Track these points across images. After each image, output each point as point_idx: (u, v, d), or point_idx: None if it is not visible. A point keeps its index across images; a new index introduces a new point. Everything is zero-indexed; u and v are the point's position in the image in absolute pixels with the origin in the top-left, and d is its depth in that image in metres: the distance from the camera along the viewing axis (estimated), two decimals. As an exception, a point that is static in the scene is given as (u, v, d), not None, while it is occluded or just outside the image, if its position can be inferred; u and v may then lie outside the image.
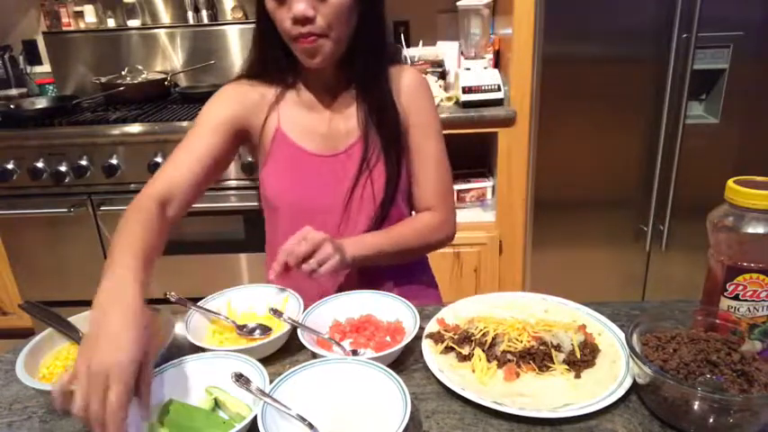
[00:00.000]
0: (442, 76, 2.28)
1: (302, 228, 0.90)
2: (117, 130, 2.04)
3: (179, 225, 0.94)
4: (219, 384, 0.71)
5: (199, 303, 0.88)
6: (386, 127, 1.02)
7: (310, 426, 0.63)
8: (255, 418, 0.62)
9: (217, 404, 0.70)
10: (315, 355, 0.78)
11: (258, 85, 1.04)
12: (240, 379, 0.69)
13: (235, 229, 2.14)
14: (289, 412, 0.64)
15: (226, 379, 0.71)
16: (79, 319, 0.83)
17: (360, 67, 0.99)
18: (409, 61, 2.35)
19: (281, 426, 0.64)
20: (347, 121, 1.03)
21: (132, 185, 2.09)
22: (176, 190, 0.92)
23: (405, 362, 0.79)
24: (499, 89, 2.03)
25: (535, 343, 0.76)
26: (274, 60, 1.01)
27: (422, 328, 0.82)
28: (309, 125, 1.03)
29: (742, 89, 1.91)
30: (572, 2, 1.86)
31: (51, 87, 2.63)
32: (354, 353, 0.80)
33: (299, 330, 0.80)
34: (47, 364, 0.78)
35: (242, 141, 1.05)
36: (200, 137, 0.98)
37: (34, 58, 2.68)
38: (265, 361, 0.81)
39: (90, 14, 2.54)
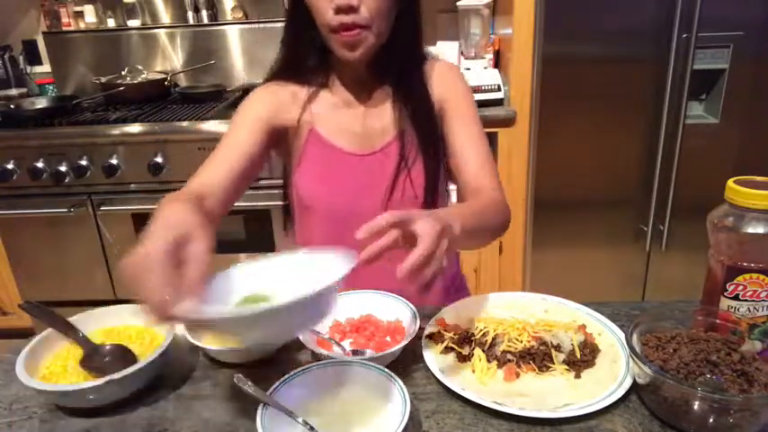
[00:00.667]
0: (442, 76, 2.27)
1: (338, 229, 0.86)
2: (117, 130, 2.04)
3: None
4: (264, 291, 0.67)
5: (199, 303, 0.88)
6: (423, 123, 1.00)
7: (310, 428, 0.63)
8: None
9: None
10: (315, 355, 0.78)
11: (289, 84, 1.02)
12: (241, 381, 0.69)
13: (235, 229, 2.15)
14: (289, 414, 0.64)
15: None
16: (79, 320, 0.83)
17: (397, 62, 0.97)
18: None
19: (281, 428, 0.64)
20: (382, 118, 1.01)
21: (132, 185, 2.09)
22: (211, 190, 0.88)
23: (405, 362, 0.79)
24: (499, 89, 2.03)
25: (535, 343, 0.76)
26: (308, 57, 0.99)
27: (422, 328, 0.82)
28: (344, 123, 1.01)
29: (742, 89, 1.91)
30: (572, 2, 1.86)
31: (51, 87, 2.63)
32: (354, 353, 0.80)
33: (299, 330, 0.80)
34: (47, 364, 0.78)
35: (275, 142, 1.02)
36: (235, 138, 0.96)
37: (34, 58, 2.68)
38: (266, 361, 0.81)
39: (90, 14, 2.54)
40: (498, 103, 2.04)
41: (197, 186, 0.88)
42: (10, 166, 2.06)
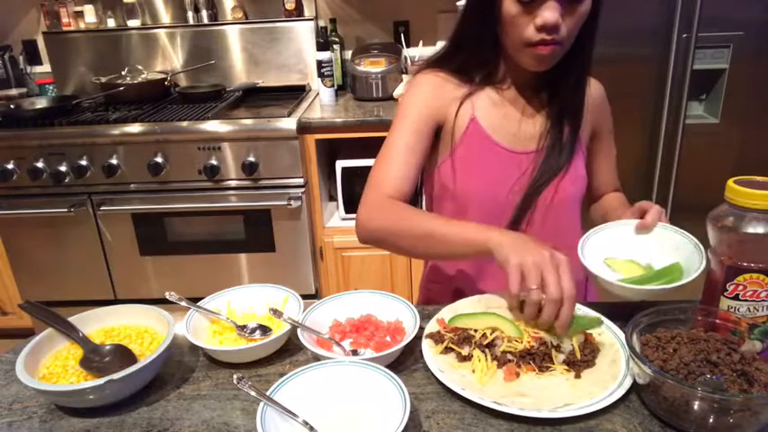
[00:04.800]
0: (442, 76, 2.27)
1: (479, 219, 0.91)
2: (117, 130, 2.04)
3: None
4: None
5: (199, 303, 0.88)
6: (572, 135, 1.02)
7: (311, 428, 0.63)
8: None
9: None
10: (315, 356, 0.78)
11: (454, 77, 1.03)
12: (241, 381, 0.69)
13: (235, 229, 2.15)
14: (289, 414, 0.64)
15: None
16: (79, 319, 0.83)
17: (567, 75, 0.98)
18: (409, 61, 2.35)
19: (281, 428, 0.64)
20: (536, 123, 1.02)
21: (132, 185, 2.09)
22: (402, 193, 0.97)
23: (405, 362, 0.79)
24: (499, 89, 2.03)
25: (535, 343, 0.76)
26: (483, 57, 1.00)
27: (422, 328, 0.82)
28: (503, 120, 1.02)
29: (742, 89, 1.91)
30: (572, 2, 1.86)
31: (51, 87, 2.63)
32: (354, 353, 0.80)
33: (299, 330, 0.80)
34: (47, 364, 0.78)
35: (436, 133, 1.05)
36: (408, 140, 0.99)
37: (34, 58, 2.69)
38: (265, 361, 0.81)
39: (90, 14, 2.54)
40: (498, 103, 2.03)
41: (393, 190, 0.96)
42: (10, 166, 2.06)
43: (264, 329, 0.85)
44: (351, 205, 2.20)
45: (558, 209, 1.02)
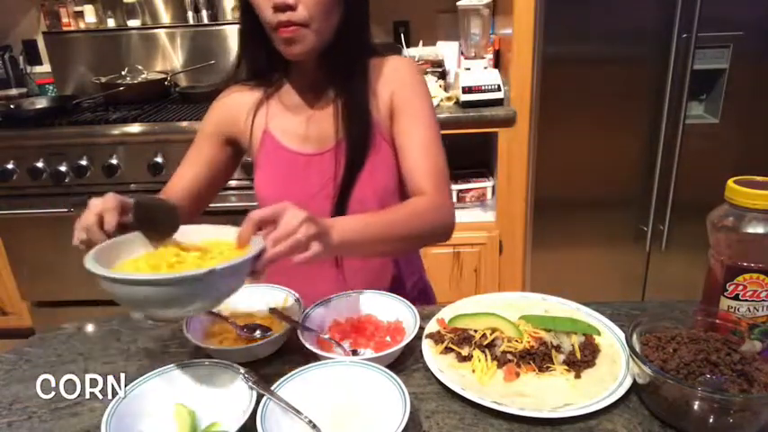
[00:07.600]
0: (442, 76, 2.27)
1: None
2: (117, 130, 2.04)
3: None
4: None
5: (199, 303, 0.88)
6: (356, 128, 0.98)
7: (313, 426, 0.63)
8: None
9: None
10: (315, 356, 0.78)
11: (246, 89, 1.06)
12: (248, 374, 0.69)
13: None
14: (293, 411, 0.64)
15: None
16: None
17: (338, 65, 0.97)
18: (409, 61, 2.35)
19: (282, 424, 0.64)
20: (328, 120, 1.00)
21: (132, 185, 2.09)
22: (177, 198, 1.02)
23: (405, 362, 0.79)
24: (499, 89, 2.03)
25: (535, 343, 0.76)
26: (259, 60, 1.01)
27: (422, 328, 0.82)
28: (293, 125, 1.03)
29: (742, 89, 1.91)
30: (572, 2, 1.86)
31: (51, 87, 2.63)
32: (354, 353, 0.80)
33: (299, 330, 0.80)
34: (120, 265, 0.71)
35: (237, 148, 1.10)
36: (196, 149, 1.09)
37: (34, 58, 2.68)
38: (265, 361, 0.81)
39: (90, 14, 2.54)
40: (498, 103, 2.04)
41: (167, 196, 1.01)
42: (10, 166, 2.06)
43: (264, 329, 0.85)
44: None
45: (371, 207, 0.95)
